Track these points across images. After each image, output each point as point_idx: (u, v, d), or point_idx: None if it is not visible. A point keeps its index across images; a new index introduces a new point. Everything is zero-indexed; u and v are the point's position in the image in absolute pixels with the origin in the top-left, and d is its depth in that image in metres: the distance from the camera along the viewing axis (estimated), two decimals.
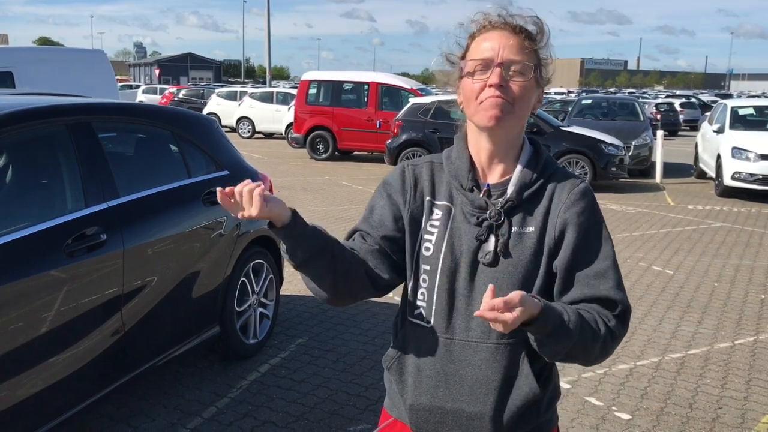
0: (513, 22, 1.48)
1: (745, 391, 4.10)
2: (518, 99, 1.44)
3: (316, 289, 1.51)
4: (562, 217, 1.47)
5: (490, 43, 1.46)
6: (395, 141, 13.38)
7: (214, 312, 4.04)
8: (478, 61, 1.45)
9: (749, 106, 13.93)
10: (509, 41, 1.45)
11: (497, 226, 1.47)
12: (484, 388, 1.47)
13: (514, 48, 1.44)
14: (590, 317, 1.42)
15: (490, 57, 1.44)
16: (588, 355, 1.44)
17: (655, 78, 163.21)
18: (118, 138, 3.97)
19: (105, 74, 9.23)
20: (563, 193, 1.49)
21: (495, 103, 1.43)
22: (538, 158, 1.53)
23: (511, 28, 1.47)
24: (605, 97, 19.57)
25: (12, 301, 2.68)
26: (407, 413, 1.57)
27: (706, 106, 31.30)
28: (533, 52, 1.47)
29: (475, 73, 1.45)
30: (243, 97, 24.12)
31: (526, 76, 1.44)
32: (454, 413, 1.50)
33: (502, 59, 1.43)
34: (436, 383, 1.51)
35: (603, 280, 1.44)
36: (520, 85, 1.44)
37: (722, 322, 5.33)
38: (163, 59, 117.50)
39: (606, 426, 3.65)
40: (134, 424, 3.56)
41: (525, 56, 1.45)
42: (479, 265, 1.47)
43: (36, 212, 3.03)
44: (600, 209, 1.53)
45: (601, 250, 1.47)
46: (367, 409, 3.77)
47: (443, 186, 1.55)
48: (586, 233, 1.46)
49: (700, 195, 12.07)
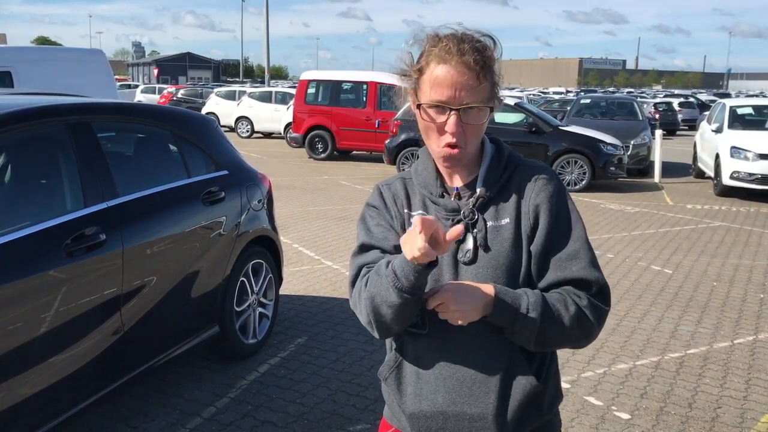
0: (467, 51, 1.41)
1: (745, 391, 4.10)
2: (472, 139, 1.47)
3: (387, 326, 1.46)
4: (534, 203, 1.50)
5: (445, 78, 1.42)
6: (394, 140, 13.37)
7: (213, 312, 4.04)
8: (434, 102, 1.44)
9: (748, 106, 13.93)
10: (465, 78, 1.41)
11: (472, 224, 1.50)
12: (483, 388, 1.47)
13: (469, 88, 1.42)
14: (559, 298, 1.45)
15: (445, 100, 1.43)
16: (567, 337, 1.46)
17: (654, 77, 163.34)
18: (117, 138, 3.96)
19: (104, 74, 9.21)
20: (530, 181, 1.51)
21: (450, 154, 1.47)
22: (500, 154, 1.56)
23: (465, 60, 1.41)
24: (604, 96, 19.58)
25: (11, 301, 2.67)
26: (408, 422, 1.56)
27: (704, 106, 31.32)
28: (488, 83, 1.45)
29: (432, 111, 1.45)
30: (242, 96, 24.10)
31: (482, 119, 1.46)
32: (456, 417, 1.50)
33: (459, 103, 1.42)
34: (435, 388, 1.51)
35: (575, 261, 1.47)
36: (476, 128, 1.46)
37: (721, 322, 5.33)
38: (161, 59, 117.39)
39: (605, 426, 3.66)
40: (134, 424, 3.55)
41: (481, 95, 1.44)
42: (460, 265, 1.49)
43: (35, 212, 3.02)
44: (568, 193, 1.55)
45: (572, 232, 1.50)
46: (367, 408, 3.77)
47: (416, 197, 1.57)
48: (556, 217, 1.49)
49: (699, 194, 12.08)
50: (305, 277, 6.35)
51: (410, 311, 1.42)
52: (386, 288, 1.38)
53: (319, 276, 6.38)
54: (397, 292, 1.35)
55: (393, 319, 1.42)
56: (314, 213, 9.59)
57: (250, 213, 4.39)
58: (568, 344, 1.50)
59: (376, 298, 1.42)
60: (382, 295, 1.40)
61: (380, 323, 1.46)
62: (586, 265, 1.47)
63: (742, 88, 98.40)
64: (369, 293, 1.44)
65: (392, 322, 1.43)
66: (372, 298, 1.43)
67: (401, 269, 1.34)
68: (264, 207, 4.62)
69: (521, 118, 12.74)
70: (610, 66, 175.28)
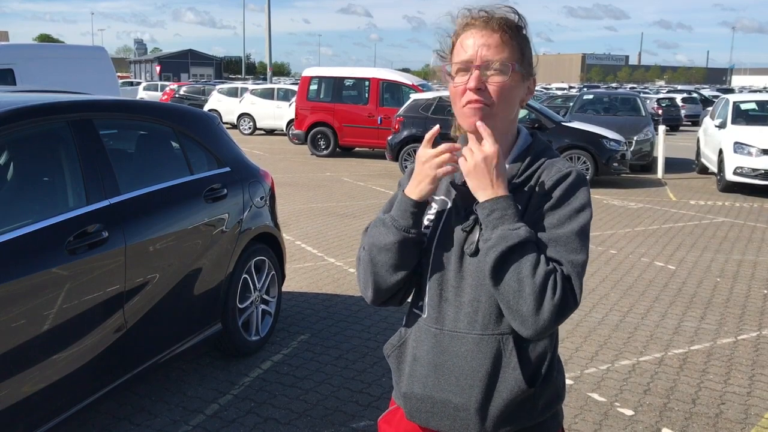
0: (493, 16, 1.48)
1: (749, 387, 4.10)
2: (498, 100, 1.47)
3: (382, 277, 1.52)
4: (542, 196, 1.48)
5: (471, 42, 1.47)
6: (396, 137, 13.35)
7: (216, 309, 4.04)
8: (458, 64, 1.48)
9: (751, 101, 13.89)
10: (488, 39, 1.46)
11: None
12: (469, 380, 1.48)
13: (492, 46, 1.45)
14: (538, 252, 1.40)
15: (468, 59, 1.46)
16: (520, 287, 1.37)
17: (657, 73, 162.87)
18: (120, 135, 3.96)
19: (106, 71, 9.21)
20: (547, 178, 1.50)
21: (474, 110, 1.46)
22: (533, 147, 1.56)
23: (491, 24, 1.47)
24: (607, 92, 19.53)
25: (14, 298, 2.68)
26: (402, 400, 1.60)
27: (707, 101, 31.23)
28: (514, 47, 1.47)
29: (457, 75, 1.48)
30: (244, 93, 24.10)
31: (506, 75, 1.46)
32: (442, 403, 1.52)
33: (480, 60, 1.45)
34: (427, 373, 1.54)
35: (563, 244, 1.43)
36: (499, 85, 1.46)
37: (725, 318, 5.32)
38: (163, 56, 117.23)
39: (609, 422, 3.65)
40: (137, 421, 3.56)
41: (504, 54, 1.46)
42: (465, 256, 1.50)
43: (38, 209, 3.02)
44: (585, 190, 1.49)
45: (571, 221, 1.44)
46: (370, 405, 3.77)
47: (443, 182, 1.58)
48: (557, 202, 1.46)
49: (702, 190, 12.05)
50: (308, 274, 6.35)
51: (408, 255, 1.50)
52: (385, 231, 1.50)
53: (322, 273, 6.38)
54: (397, 230, 1.48)
55: (391, 263, 1.50)
56: (317, 210, 9.59)
57: (252, 210, 4.39)
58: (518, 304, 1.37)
59: (374, 245, 1.52)
60: (380, 240, 1.50)
61: (377, 275, 1.52)
62: (572, 249, 1.42)
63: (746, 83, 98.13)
64: (368, 242, 1.54)
65: (391, 267, 1.50)
66: (371, 247, 1.53)
67: (400, 209, 1.49)
68: (266, 204, 4.62)
69: (524, 114, 12.70)
70: (613, 62, 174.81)
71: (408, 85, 16.24)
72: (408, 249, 1.50)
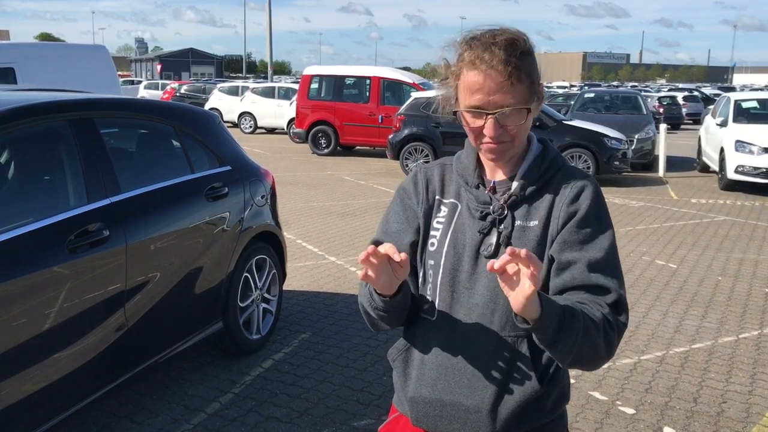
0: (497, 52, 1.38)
1: (750, 385, 4.09)
2: (516, 136, 1.46)
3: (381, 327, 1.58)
4: (566, 210, 1.47)
5: (477, 84, 1.40)
6: (397, 136, 13.34)
7: (217, 308, 4.04)
8: (470, 108, 1.44)
9: (753, 99, 13.87)
10: (496, 82, 1.39)
11: (500, 220, 1.49)
12: (482, 382, 1.48)
13: (502, 89, 1.39)
14: (585, 307, 1.39)
15: (480, 105, 1.42)
16: (596, 349, 1.38)
17: (658, 71, 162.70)
18: (121, 134, 3.96)
19: (107, 70, 9.22)
20: (567, 188, 1.49)
21: (493, 149, 1.46)
22: (544, 156, 1.54)
23: (497, 67, 1.38)
24: (608, 90, 19.51)
25: (15, 297, 2.68)
26: (408, 405, 1.58)
27: (708, 100, 31.20)
28: (523, 81, 1.41)
29: (469, 115, 1.45)
30: (245, 92, 24.10)
31: (521, 118, 1.44)
32: (452, 406, 1.51)
33: (495, 107, 1.41)
34: (437, 375, 1.53)
35: (596, 268, 1.42)
36: (517, 125, 1.44)
37: (726, 316, 5.31)
38: (164, 54, 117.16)
39: (610, 420, 3.65)
40: (138, 419, 3.56)
41: (516, 96, 1.41)
42: (481, 258, 1.48)
43: (38, 208, 3.02)
44: (604, 201, 1.51)
45: (598, 239, 1.44)
46: (371, 404, 3.77)
47: (452, 185, 1.58)
48: (583, 221, 1.45)
49: (704, 188, 12.04)
50: (309, 272, 6.35)
51: (396, 317, 1.52)
52: (368, 302, 1.52)
53: (323, 271, 6.38)
54: (374, 310, 1.51)
55: (384, 322, 1.54)
56: (318, 208, 9.59)
57: (253, 209, 4.39)
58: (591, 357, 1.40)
59: (363, 304, 1.56)
60: (368, 307, 1.53)
61: (374, 325, 1.59)
62: (606, 273, 1.42)
63: (747, 81, 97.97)
64: (359, 298, 1.59)
65: (385, 323, 1.55)
66: (361, 303, 1.57)
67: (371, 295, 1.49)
68: (267, 203, 4.62)
69: None
70: (614, 60, 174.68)
71: (409, 84, 16.22)
72: (395, 316, 1.51)
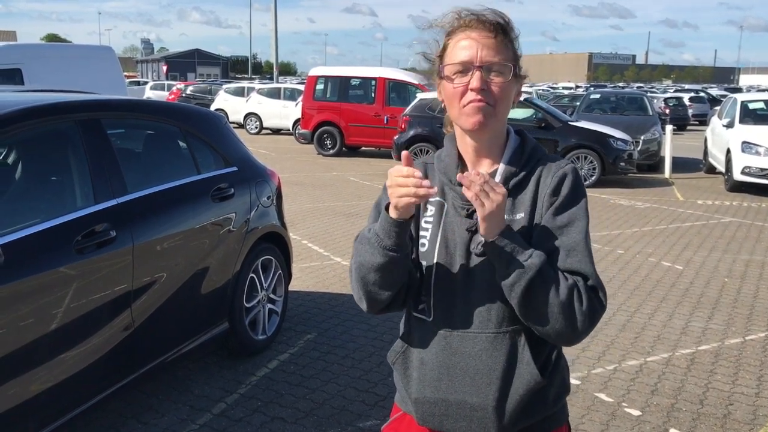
0: (487, 19, 1.48)
1: (757, 388, 4.08)
2: (499, 100, 1.47)
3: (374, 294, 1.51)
4: (548, 200, 1.49)
5: (468, 43, 1.46)
6: (403, 136, 13.35)
7: (223, 308, 4.05)
8: (457, 65, 1.46)
9: (759, 101, 13.82)
10: (487, 41, 1.46)
11: None
12: (485, 378, 1.49)
13: (491, 48, 1.46)
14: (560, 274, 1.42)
15: (468, 60, 1.45)
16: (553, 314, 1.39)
17: (664, 72, 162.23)
18: (127, 134, 3.97)
19: (113, 71, 9.26)
20: (548, 177, 1.51)
21: (477, 108, 1.45)
22: (523, 148, 1.56)
23: (486, 26, 1.47)
24: (613, 91, 19.50)
25: (22, 297, 2.69)
26: (413, 406, 1.59)
27: (715, 101, 31.09)
28: (509, 49, 1.49)
29: (455, 76, 1.47)
30: (250, 93, 24.13)
31: (506, 76, 1.47)
32: (457, 405, 1.52)
33: (482, 61, 1.45)
34: (438, 376, 1.53)
35: (573, 253, 1.45)
36: (501, 85, 1.46)
37: (733, 318, 5.30)
38: (170, 55, 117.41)
39: (616, 422, 3.64)
40: (144, 419, 3.57)
41: (503, 56, 1.47)
42: (472, 255, 1.49)
43: (45, 209, 3.03)
44: (584, 190, 1.53)
45: (574, 225, 1.47)
46: (377, 405, 3.77)
47: (435, 183, 1.56)
48: (562, 206, 1.48)
49: (710, 190, 12.00)
50: (314, 273, 6.35)
51: (397, 273, 1.47)
52: (371, 251, 1.45)
53: (328, 272, 6.39)
54: (382, 250, 1.43)
55: (380, 283, 1.48)
56: (323, 209, 9.60)
57: (259, 209, 4.40)
58: (551, 324, 1.41)
59: (363, 265, 1.49)
60: (368, 260, 1.47)
61: (369, 292, 1.51)
62: (583, 258, 1.45)
63: (754, 82, 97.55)
64: (356, 262, 1.51)
65: (380, 287, 1.49)
66: (359, 266, 1.50)
67: (383, 228, 1.43)
68: (273, 203, 4.62)
69: (530, 113, 12.68)
70: (620, 61, 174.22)
71: (414, 85, 16.22)
72: (396, 267, 1.47)
